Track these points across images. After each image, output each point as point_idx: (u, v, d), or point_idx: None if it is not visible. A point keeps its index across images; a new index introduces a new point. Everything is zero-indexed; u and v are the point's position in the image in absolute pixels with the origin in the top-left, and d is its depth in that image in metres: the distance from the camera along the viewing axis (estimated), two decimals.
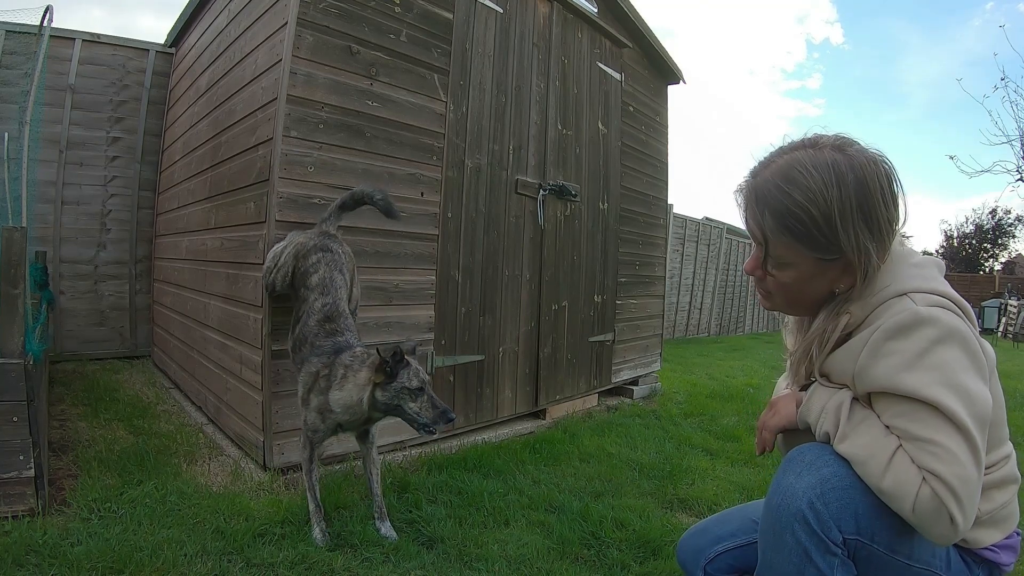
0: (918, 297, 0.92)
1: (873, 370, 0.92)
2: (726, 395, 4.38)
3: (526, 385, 3.21)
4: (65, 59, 4.00)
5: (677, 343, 8.68)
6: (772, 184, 0.97)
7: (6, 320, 1.82)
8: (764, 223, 0.98)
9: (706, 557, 1.22)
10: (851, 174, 0.93)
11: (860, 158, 0.94)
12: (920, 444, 0.87)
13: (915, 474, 0.86)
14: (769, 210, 0.97)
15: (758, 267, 1.04)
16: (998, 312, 13.96)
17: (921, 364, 0.88)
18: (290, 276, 2.00)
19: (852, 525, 0.91)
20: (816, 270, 0.99)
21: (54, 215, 4.01)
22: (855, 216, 0.93)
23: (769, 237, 0.99)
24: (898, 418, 0.90)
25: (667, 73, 4.47)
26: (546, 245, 3.30)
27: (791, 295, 1.04)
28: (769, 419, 1.10)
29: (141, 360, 4.19)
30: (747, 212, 1.02)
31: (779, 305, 1.09)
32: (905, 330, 0.90)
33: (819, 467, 0.94)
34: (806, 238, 0.95)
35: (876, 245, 0.94)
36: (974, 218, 26.55)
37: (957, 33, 68.59)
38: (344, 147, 2.33)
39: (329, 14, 2.26)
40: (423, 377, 1.68)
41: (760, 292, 1.09)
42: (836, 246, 0.95)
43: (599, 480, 2.45)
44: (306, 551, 1.69)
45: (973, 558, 0.99)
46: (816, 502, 0.91)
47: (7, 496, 1.72)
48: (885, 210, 0.94)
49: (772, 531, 0.96)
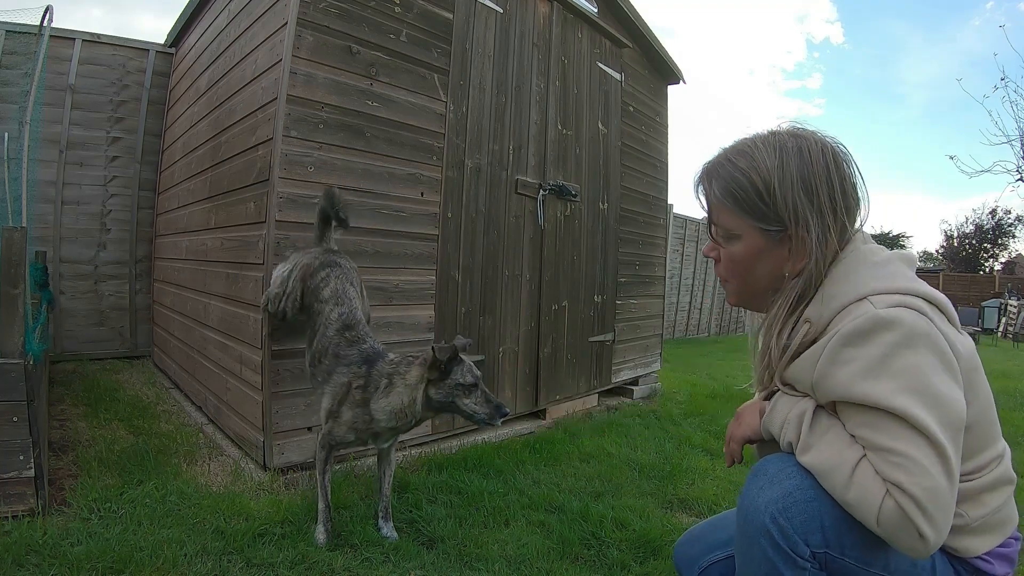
0: (878, 299, 0.89)
1: (831, 379, 0.89)
2: (726, 395, 4.38)
3: (526, 385, 3.21)
4: (65, 59, 4.00)
5: (677, 343, 8.68)
6: (723, 158, 1.02)
7: (6, 320, 1.82)
8: (711, 192, 1.02)
9: (700, 566, 1.21)
10: (795, 149, 0.96)
11: (809, 139, 0.97)
12: (883, 455, 0.83)
13: (879, 486, 0.82)
14: (716, 180, 1.01)
15: (713, 248, 1.06)
16: (998, 312, 13.96)
17: (883, 370, 0.85)
18: (299, 299, 1.96)
19: (819, 538, 0.88)
20: (762, 244, 0.99)
21: (54, 215, 4.01)
22: (795, 186, 0.94)
23: (714, 204, 1.02)
24: (861, 427, 0.87)
25: (667, 73, 4.47)
26: (546, 245, 3.30)
27: (742, 275, 1.04)
28: (735, 430, 1.08)
29: (141, 360, 4.19)
30: (700, 187, 1.05)
31: (735, 291, 1.08)
32: (863, 335, 0.86)
33: (781, 480, 0.91)
34: (747, 204, 0.97)
35: (819, 221, 0.94)
36: (974, 218, 26.63)
37: (957, 33, 68.66)
38: (344, 147, 2.33)
39: (329, 14, 2.26)
40: (476, 373, 1.66)
41: (721, 280, 1.10)
42: (776, 216, 0.96)
43: (599, 480, 2.46)
44: (306, 551, 1.69)
45: (966, 567, 0.95)
46: (779, 517, 0.88)
47: (7, 496, 1.72)
48: (828, 187, 0.94)
49: (742, 546, 0.95)
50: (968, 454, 0.92)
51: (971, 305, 14.78)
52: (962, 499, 0.92)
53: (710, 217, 1.04)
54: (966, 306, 14.15)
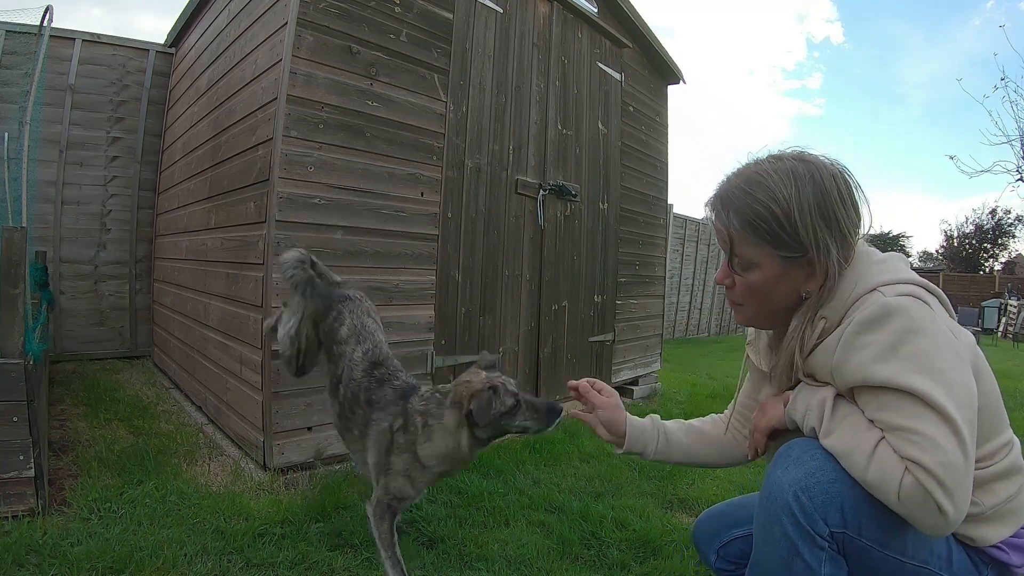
0: (886, 289, 0.94)
1: (848, 365, 0.93)
2: (726, 395, 4.37)
3: (526, 385, 3.21)
4: (65, 59, 4.00)
5: (677, 343, 8.68)
6: (737, 188, 1.03)
7: (6, 320, 1.82)
8: (730, 223, 1.03)
9: (721, 541, 1.24)
10: (808, 177, 0.99)
11: (817, 164, 1.01)
12: (900, 434, 0.86)
13: (898, 464, 0.85)
14: (734, 211, 1.02)
15: (727, 275, 1.08)
16: (998, 312, 13.96)
17: (895, 354, 0.88)
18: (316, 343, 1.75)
19: (838, 518, 0.91)
20: (781, 270, 1.01)
21: (54, 215, 4.01)
22: (813, 213, 0.97)
23: (735, 236, 1.03)
24: (879, 411, 0.90)
25: (667, 73, 4.47)
26: (546, 245, 3.30)
27: (760, 301, 1.06)
28: (759, 420, 1.11)
29: (141, 360, 4.19)
30: (715, 218, 1.06)
31: (750, 314, 1.10)
32: (876, 322, 0.91)
33: (805, 461, 0.95)
34: (768, 234, 0.99)
35: (836, 243, 0.98)
36: (974, 218, 26.63)
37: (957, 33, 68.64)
38: (344, 147, 2.33)
39: (329, 14, 2.26)
40: (512, 389, 1.46)
41: (731, 303, 1.12)
42: (797, 242, 0.98)
43: (599, 480, 2.46)
44: (306, 551, 1.69)
45: (981, 557, 0.96)
46: (801, 495, 0.91)
47: (7, 496, 1.72)
48: (843, 211, 0.98)
49: (763, 524, 0.98)
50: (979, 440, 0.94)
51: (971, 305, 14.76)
52: (975, 487, 0.93)
53: (730, 248, 1.05)
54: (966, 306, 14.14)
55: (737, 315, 1.13)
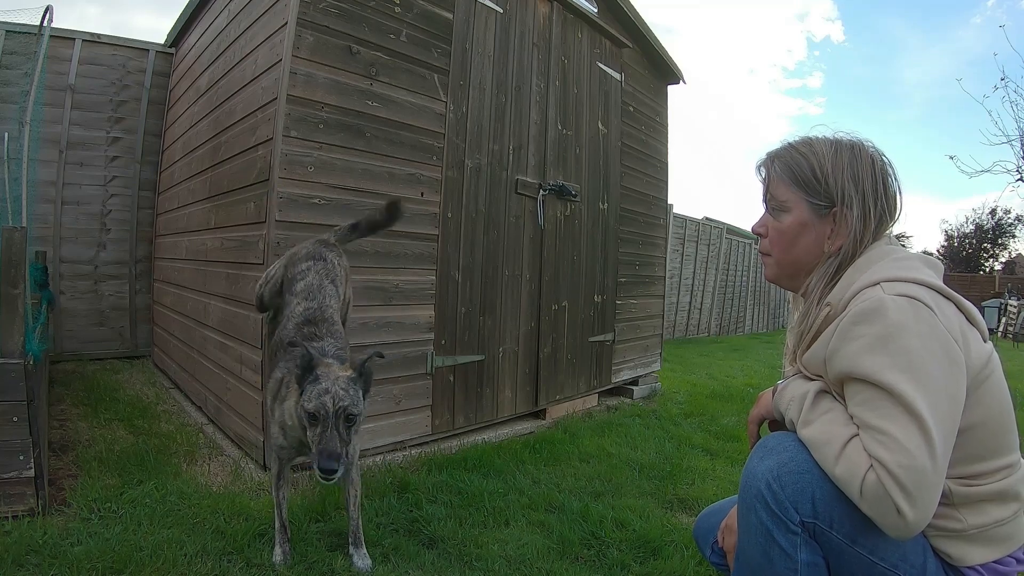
0: (888, 286, 0.95)
1: (839, 353, 0.95)
2: (726, 395, 4.38)
3: (526, 385, 3.21)
4: (65, 59, 4.00)
5: (677, 343, 8.68)
6: (786, 145, 1.16)
7: (6, 320, 1.82)
8: (772, 169, 1.15)
9: (714, 535, 1.26)
10: (849, 146, 1.10)
11: (863, 144, 1.11)
12: (871, 432, 0.87)
13: (864, 461, 0.86)
14: (778, 160, 1.15)
15: (763, 224, 1.18)
16: (998, 312, 13.95)
17: (882, 348, 0.89)
18: (278, 285, 1.83)
19: (809, 509, 0.92)
20: (808, 217, 1.09)
21: (54, 215, 4.01)
22: (844, 172, 1.07)
23: (773, 179, 1.15)
24: (859, 406, 0.91)
25: (667, 73, 4.47)
26: (546, 245, 3.30)
27: (786, 248, 1.13)
28: (752, 411, 1.18)
29: (141, 360, 4.19)
30: (762, 168, 1.18)
31: (775, 263, 1.17)
32: (870, 314, 0.92)
33: (779, 451, 0.98)
34: (801, 179, 1.10)
35: (861, 203, 1.05)
36: (974, 218, 26.59)
37: (957, 32, 68.61)
38: (344, 147, 2.33)
39: (329, 14, 2.26)
40: (324, 400, 1.33)
41: (761, 256, 1.21)
42: (825, 192, 1.07)
43: (599, 480, 2.45)
44: (306, 551, 1.69)
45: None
46: (773, 483, 0.94)
47: (7, 496, 1.72)
48: (872, 180, 1.06)
49: (741, 514, 1.01)
50: (972, 457, 0.93)
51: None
52: (961, 504, 0.93)
53: (767, 190, 1.17)
54: None
55: (766, 270, 1.21)
